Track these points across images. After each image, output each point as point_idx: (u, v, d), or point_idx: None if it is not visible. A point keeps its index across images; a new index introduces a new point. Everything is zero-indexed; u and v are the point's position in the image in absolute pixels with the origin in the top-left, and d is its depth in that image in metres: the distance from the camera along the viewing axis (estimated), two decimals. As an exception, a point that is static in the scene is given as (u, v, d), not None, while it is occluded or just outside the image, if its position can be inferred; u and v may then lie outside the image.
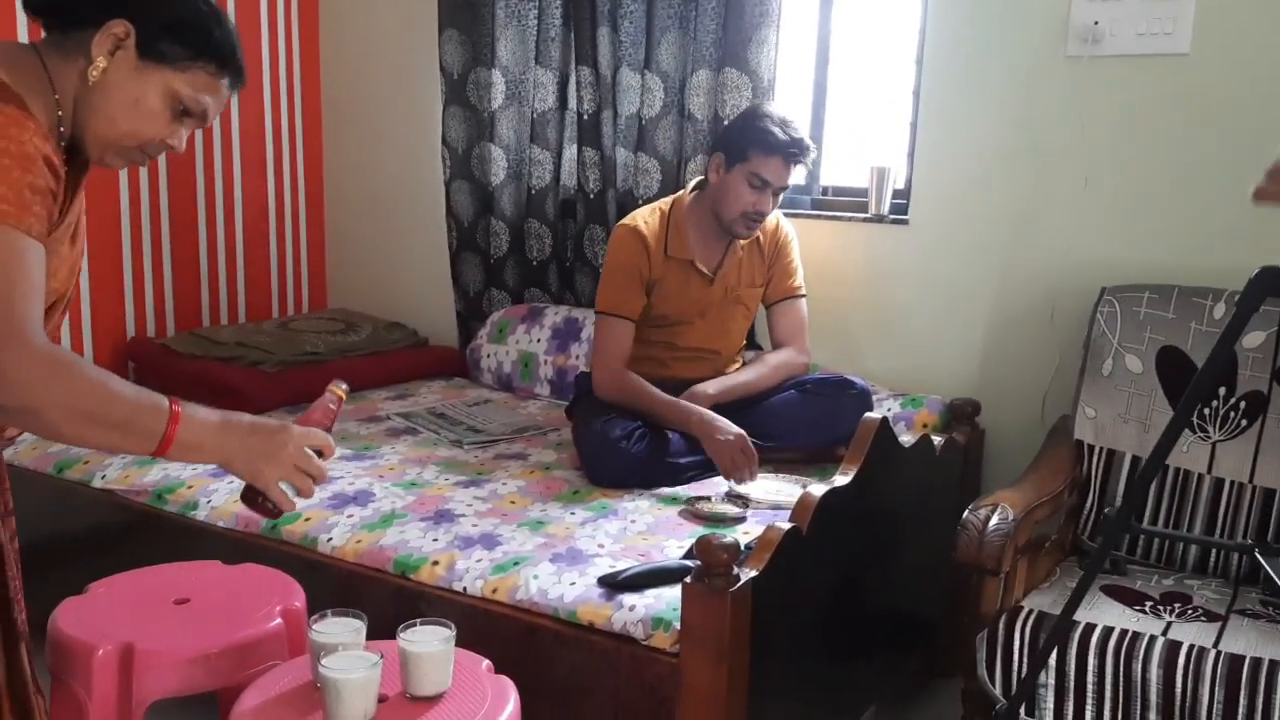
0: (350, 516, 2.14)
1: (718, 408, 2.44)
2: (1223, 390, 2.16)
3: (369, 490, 2.26)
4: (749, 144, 2.40)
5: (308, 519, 2.14)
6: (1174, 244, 2.40)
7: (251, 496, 1.36)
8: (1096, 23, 2.38)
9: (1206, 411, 2.17)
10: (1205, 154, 2.34)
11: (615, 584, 1.83)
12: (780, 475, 2.38)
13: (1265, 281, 1.37)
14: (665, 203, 2.59)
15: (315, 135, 3.62)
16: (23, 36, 2.82)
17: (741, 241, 2.53)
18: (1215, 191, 2.34)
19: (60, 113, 1.24)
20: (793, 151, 2.39)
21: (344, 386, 1.48)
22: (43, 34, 1.29)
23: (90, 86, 1.23)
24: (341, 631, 1.51)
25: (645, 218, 2.54)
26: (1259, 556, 1.50)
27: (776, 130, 2.39)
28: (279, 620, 1.76)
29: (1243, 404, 2.14)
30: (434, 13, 3.14)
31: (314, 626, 1.52)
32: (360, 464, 2.43)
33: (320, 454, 1.36)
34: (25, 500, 2.58)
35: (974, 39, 2.55)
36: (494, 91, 3.06)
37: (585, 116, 2.99)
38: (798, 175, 2.50)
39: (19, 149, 1.12)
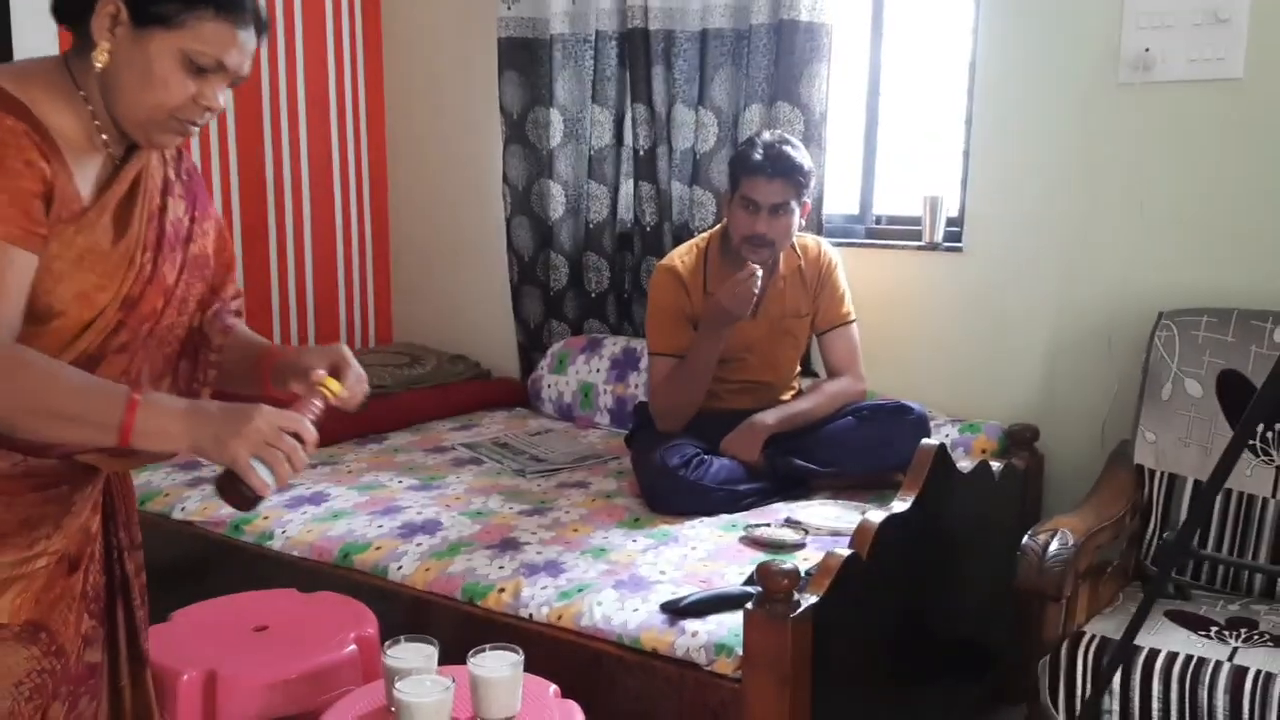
0: (419, 545, 2.20)
1: (776, 436, 2.48)
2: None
3: (436, 519, 2.32)
4: (736, 169, 2.48)
5: (378, 548, 2.21)
6: (1231, 267, 2.39)
7: (227, 485, 1.26)
8: (1148, 50, 2.39)
9: (1270, 435, 2.15)
10: (1261, 177, 2.34)
11: (677, 610, 1.86)
12: (839, 501, 2.40)
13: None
14: (703, 239, 2.63)
15: (381, 176, 3.74)
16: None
17: (782, 271, 2.56)
18: (1272, 215, 2.33)
19: (91, 107, 1.25)
20: (768, 167, 2.40)
21: (337, 385, 1.34)
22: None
23: (104, 72, 1.22)
24: (415, 657, 1.57)
25: (682, 256, 2.59)
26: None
27: (755, 151, 2.43)
28: (353, 647, 1.83)
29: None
30: (494, 56, 3.24)
31: (388, 652, 1.59)
32: (427, 494, 2.50)
33: (300, 441, 1.25)
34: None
35: (1025, 68, 2.58)
36: (552, 130, 3.15)
37: (641, 152, 3.06)
38: (784, 192, 2.40)
39: None
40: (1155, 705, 1.80)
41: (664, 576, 2.02)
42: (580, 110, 3.15)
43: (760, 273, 2.35)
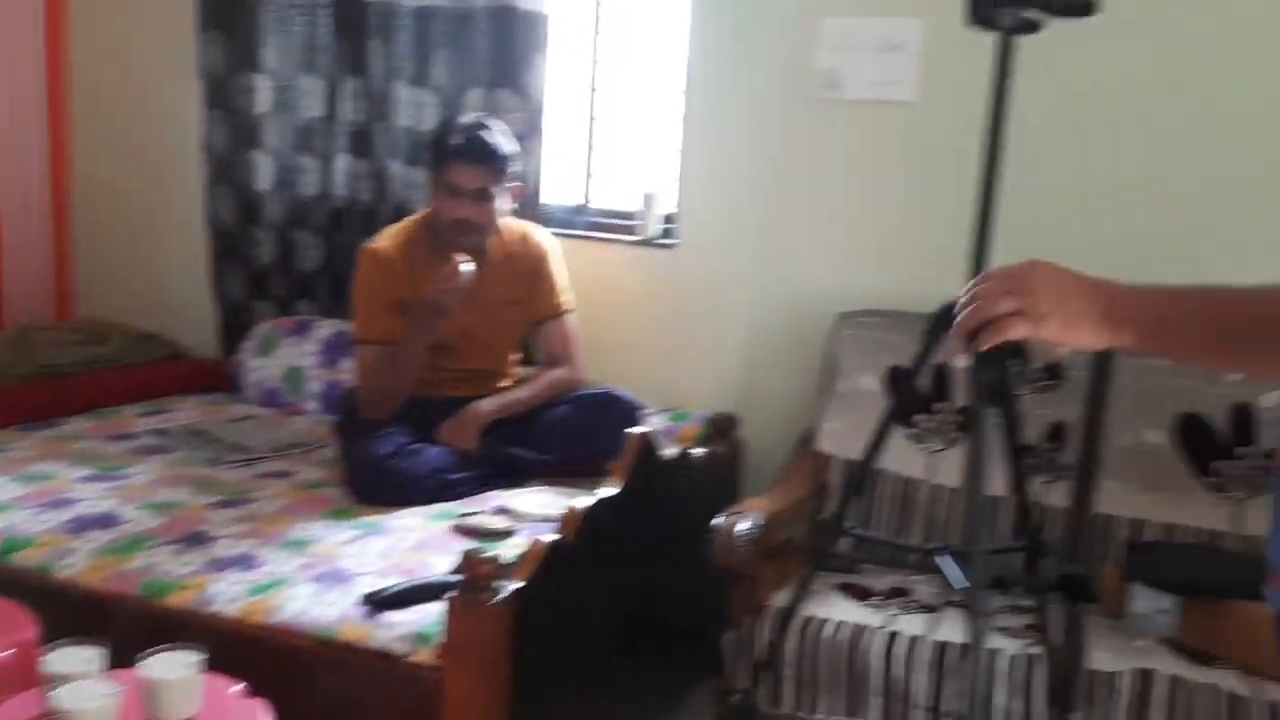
0: (92, 541, 2.02)
1: (494, 424, 2.48)
2: (942, 404, 2.41)
3: (114, 513, 2.14)
4: (437, 155, 2.46)
5: (43, 544, 2.01)
6: (901, 273, 2.62)
7: None
8: (835, 70, 2.59)
9: (929, 424, 2.41)
10: (928, 193, 2.57)
11: (379, 602, 1.83)
12: (553, 489, 2.43)
13: (942, 316, 1.57)
14: (412, 221, 2.58)
15: (61, 134, 3.38)
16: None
17: (492, 259, 2.53)
18: (937, 228, 2.58)
19: None
20: (467, 153, 2.40)
21: None
22: None
23: None
24: (77, 661, 1.45)
25: (390, 237, 2.53)
26: (934, 559, 1.71)
27: (454, 136, 2.42)
28: (11, 651, 1.66)
29: (958, 417, 2.39)
30: (191, 12, 3.01)
31: (47, 657, 1.45)
32: (105, 485, 2.30)
33: None
34: None
35: (731, 75, 2.72)
36: (259, 97, 2.98)
37: (357, 127, 2.96)
38: (485, 178, 2.40)
39: None
40: (822, 668, 1.97)
41: (368, 568, 1.97)
42: (291, 78, 2.99)
43: (471, 267, 2.32)
